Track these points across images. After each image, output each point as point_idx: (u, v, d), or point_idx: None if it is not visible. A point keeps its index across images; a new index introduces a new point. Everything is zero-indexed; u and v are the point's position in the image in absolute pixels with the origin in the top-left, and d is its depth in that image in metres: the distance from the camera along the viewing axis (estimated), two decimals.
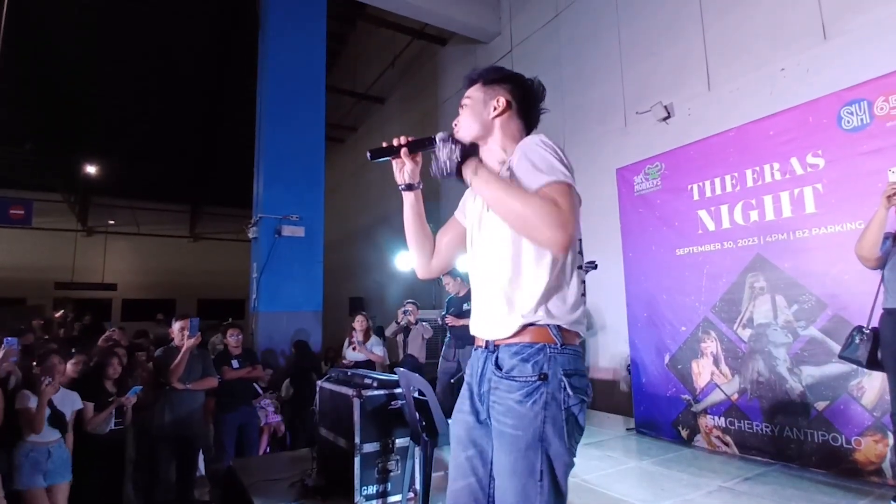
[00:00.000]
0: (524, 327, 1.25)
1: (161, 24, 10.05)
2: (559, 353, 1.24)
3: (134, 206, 16.91)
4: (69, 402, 3.41)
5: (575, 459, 1.25)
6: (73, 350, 4.16)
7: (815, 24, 4.24)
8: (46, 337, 6.58)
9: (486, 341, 1.33)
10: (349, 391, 2.80)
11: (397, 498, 2.77)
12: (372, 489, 2.74)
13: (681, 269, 4.01)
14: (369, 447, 2.74)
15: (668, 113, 5.39)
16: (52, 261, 15.59)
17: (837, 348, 3.10)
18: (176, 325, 3.90)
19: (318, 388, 3.29)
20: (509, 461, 1.21)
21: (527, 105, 1.44)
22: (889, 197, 2.49)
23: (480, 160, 1.33)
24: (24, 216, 11.14)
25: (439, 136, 1.34)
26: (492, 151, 1.41)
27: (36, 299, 13.75)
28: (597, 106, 6.27)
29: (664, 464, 3.47)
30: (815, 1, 4.23)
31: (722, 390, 3.70)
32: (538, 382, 1.21)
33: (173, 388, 3.76)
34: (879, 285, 2.64)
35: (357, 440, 2.70)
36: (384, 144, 1.42)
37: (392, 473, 2.80)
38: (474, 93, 1.45)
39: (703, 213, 3.88)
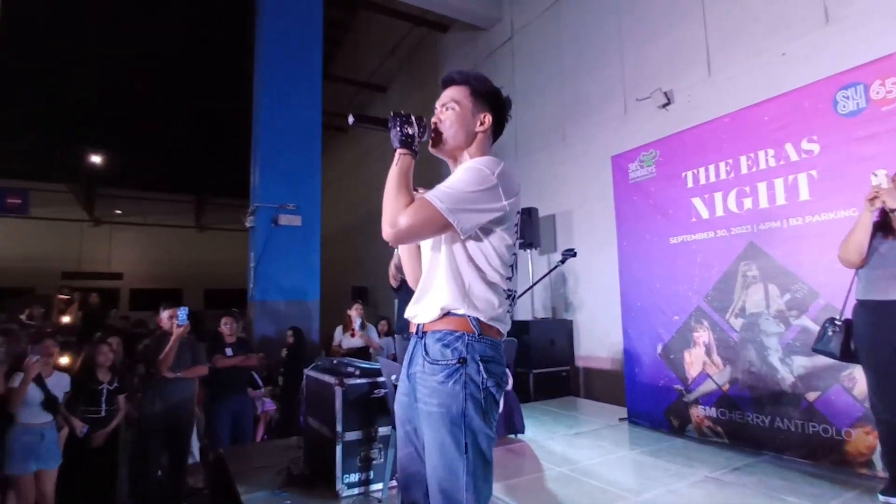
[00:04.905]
0: (446, 314, 1.39)
1: (158, 14, 10.05)
2: (477, 342, 1.37)
3: (139, 196, 17.07)
4: (62, 386, 3.46)
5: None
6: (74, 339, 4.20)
7: (817, 7, 4.13)
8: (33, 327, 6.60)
9: (417, 326, 1.46)
10: (332, 380, 2.80)
11: (379, 486, 2.78)
12: (354, 477, 2.75)
13: (674, 257, 3.95)
14: (351, 435, 2.74)
15: (668, 99, 5.29)
16: (59, 251, 15.82)
17: None
18: (164, 314, 3.92)
19: (304, 377, 3.29)
20: (437, 438, 1.34)
21: (500, 120, 1.57)
22: (871, 200, 2.47)
23: (415, 155, 1.45)
24: (21, 205, 11.09)
25: (423, 120, 1.48)
26: (465, 159, 1.52)
27: (44, 289, 13.92)
28: (596, 93, 6.17)
29: (653, 453, 3.45)
30: None
31: (713, 380, 3.66)
32: (458, 365, 1.35)
33: (163, 377, 3.78)
34: (853, 276, 2.63)
35: (339, 428, 2.70)
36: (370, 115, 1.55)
37: (374, 462, 2.81)
38: (463, 100, 1.51)
39: (696, 201, 3.81)
